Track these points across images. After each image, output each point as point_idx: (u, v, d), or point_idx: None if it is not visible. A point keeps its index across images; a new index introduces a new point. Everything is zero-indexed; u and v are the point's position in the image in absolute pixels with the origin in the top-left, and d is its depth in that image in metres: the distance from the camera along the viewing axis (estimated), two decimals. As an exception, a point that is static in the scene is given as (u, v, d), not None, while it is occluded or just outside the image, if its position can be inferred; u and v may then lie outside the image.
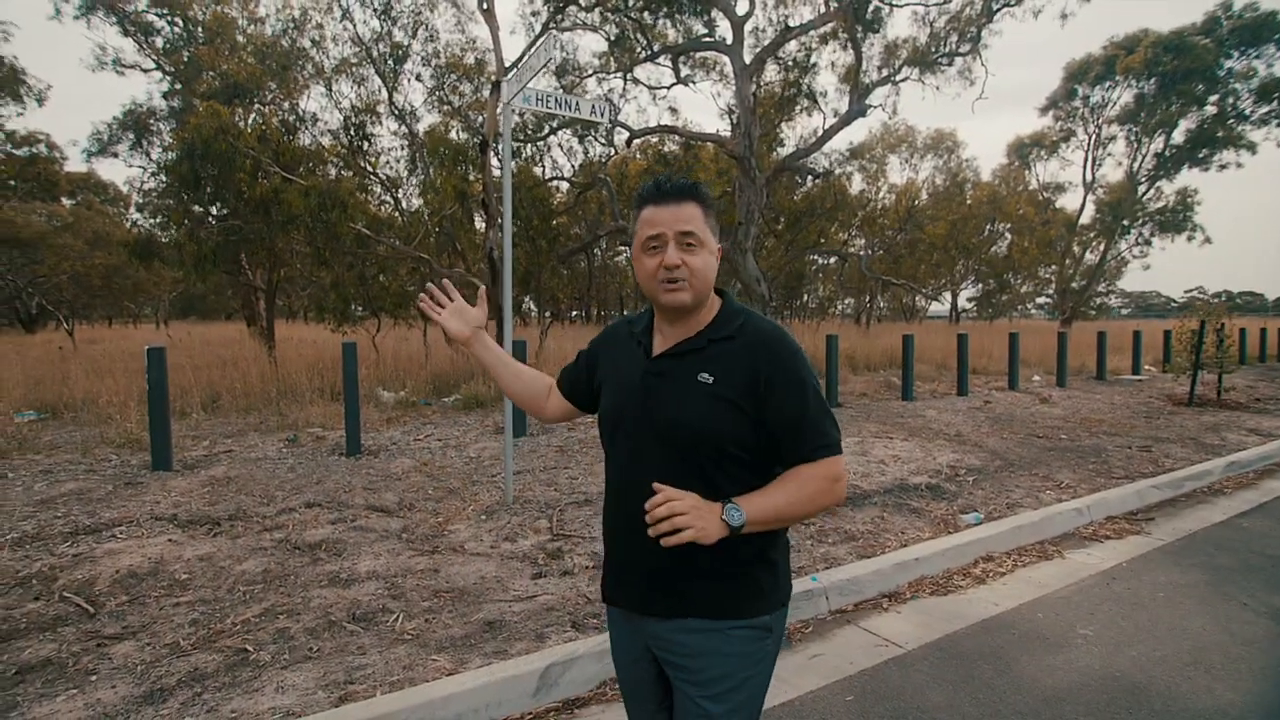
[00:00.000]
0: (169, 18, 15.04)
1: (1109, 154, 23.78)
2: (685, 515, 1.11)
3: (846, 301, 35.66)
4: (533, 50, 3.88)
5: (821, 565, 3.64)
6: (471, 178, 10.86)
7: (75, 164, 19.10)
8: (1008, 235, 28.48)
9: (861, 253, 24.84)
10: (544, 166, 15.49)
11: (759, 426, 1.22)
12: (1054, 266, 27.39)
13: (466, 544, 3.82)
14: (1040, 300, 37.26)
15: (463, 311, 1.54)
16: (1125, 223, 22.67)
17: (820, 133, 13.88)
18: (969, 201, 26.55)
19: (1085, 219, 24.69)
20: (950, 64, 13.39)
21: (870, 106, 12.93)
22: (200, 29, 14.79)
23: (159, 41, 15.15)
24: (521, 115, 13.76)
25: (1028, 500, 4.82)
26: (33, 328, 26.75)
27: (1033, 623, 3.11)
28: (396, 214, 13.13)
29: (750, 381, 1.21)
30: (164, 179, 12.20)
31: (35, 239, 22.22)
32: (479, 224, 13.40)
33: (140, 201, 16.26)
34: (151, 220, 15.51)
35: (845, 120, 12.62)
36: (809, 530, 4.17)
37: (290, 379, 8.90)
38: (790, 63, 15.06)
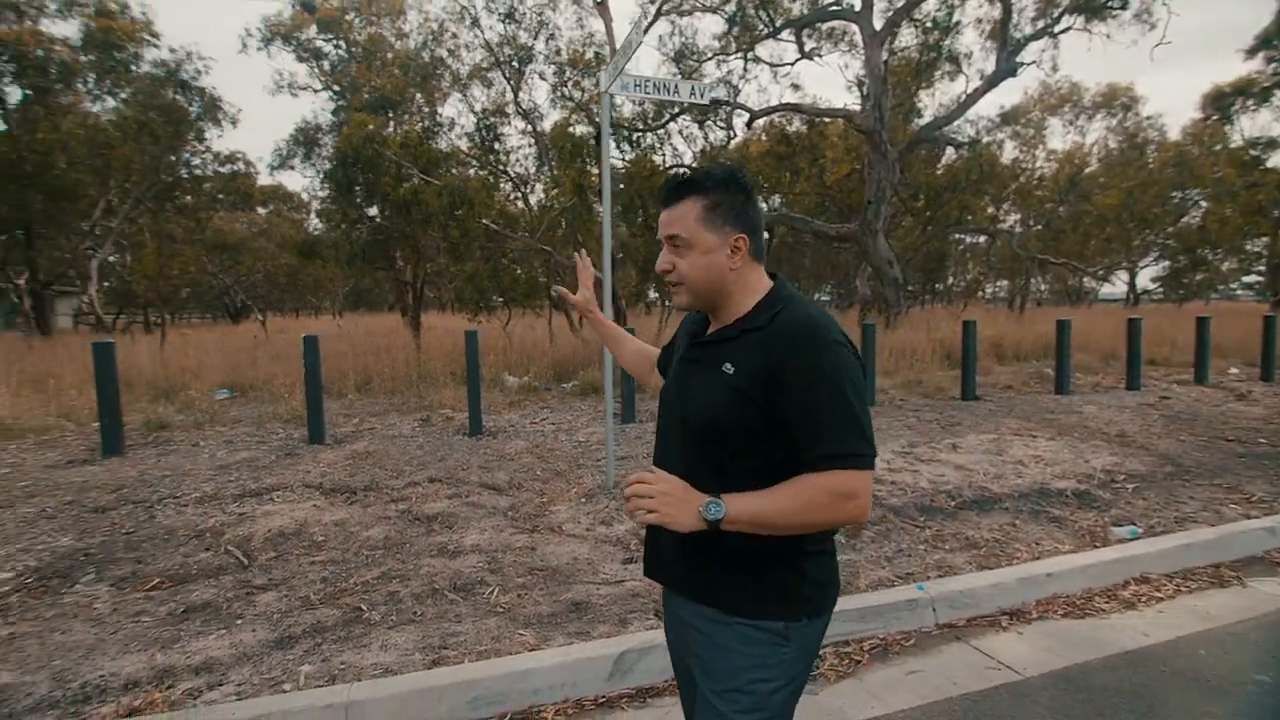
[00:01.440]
0: (334, 42, 16.88)
1: (1342, 97, 19.35)
2: (651, 499, 1.12)
3: (999, 284, 32.39)
4: (625, 38, 3.87)
5: (933, 573, 3.34)
6: (590, 170, 11.16)
7: (262, 177, 22.10)
8: (1202, 202, 24.22)
9: (1015, 229, 22.39)
10: (664, 154, 15.52)
11: (774, 422, 1.15)
12: (1264, 238, 22.94)
13: (564, 525, 3.95)
14: (1247, 279, 31.43)
15: (586, 286, 1.79)
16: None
17: (963, 98, 12.65)
18: (1150, 165, 22.85)
19: (1308, 178, 20.35)
20: (1123, 7, 11.58)
21: (1021, 64, 11.54)
22: (359, 49, 16.45)
23: (326, 64, 17.05)
24: (641, 104, 13.86)
25: (1203, 515, 4.10)
26: (238, 319, 31.59)
27: (1192, 660, 2.64)
28: (525, 209, 13.83)
29: (764, 373, 1.15)
30: (327, 186, 13.76)
31: (238, 244, 26.23)
32: (600, 215, 13.76)
33: (318, 208, 18.57)
34: (323, 224, 17.64)
35: (991, 82, 11.38)
36: (923, 534, 3.85)
37: (429, 364, 9.72)
38: (929, 24, 13.83)
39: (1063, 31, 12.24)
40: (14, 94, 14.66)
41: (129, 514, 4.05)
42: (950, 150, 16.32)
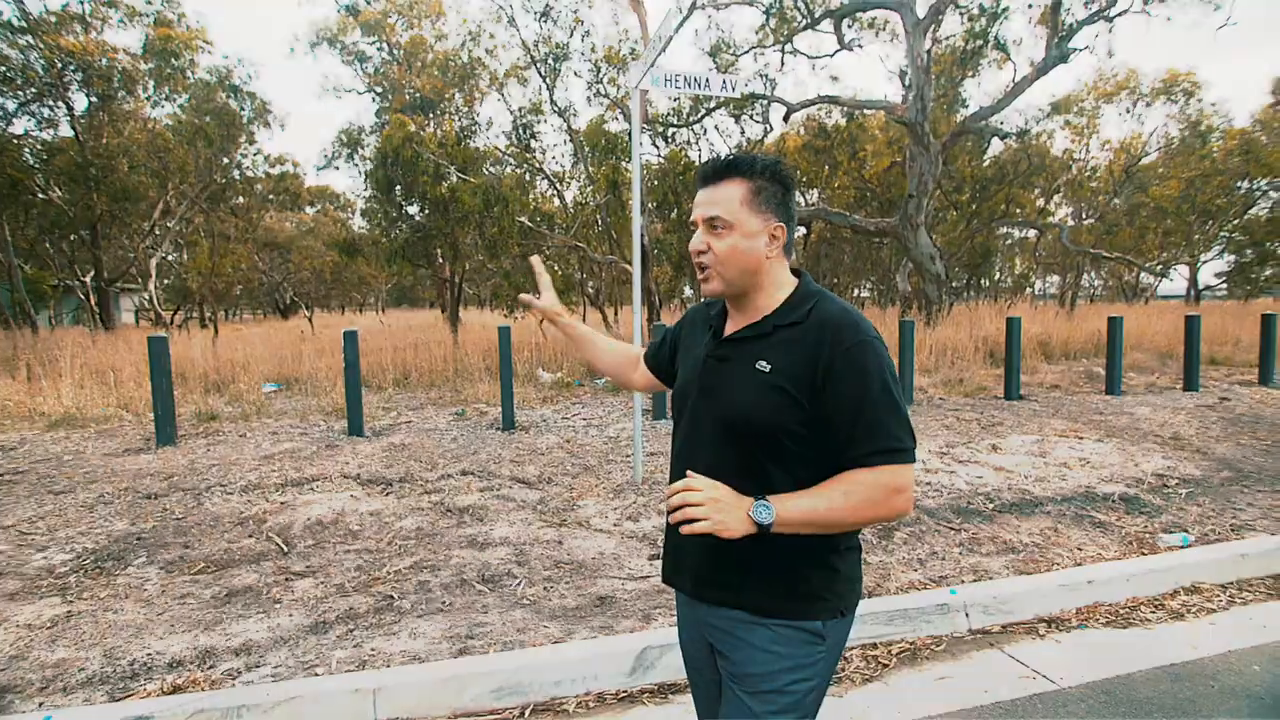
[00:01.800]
0: (377, 44, 17.30)
1: None
2: (701, 506, 1.09)
3: (1049, 280, 31.18)
4: (655, 31, 3.86)
5: (967, 577, 3.25)
6: (625, 166, 11.17)
7: (309, 178, 22.86)
8: (1271, 193, 22.80)
9: (1067, 222, 21.50)
10: (700, 149, 15.44)
11: (815, 420, 1.13)
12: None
13: (592, 520, 3.98)
14: (1323, 273, 29.47)
15: (548, 289, 1.69)
16: None
17: (1011, 87, 12.21)
18: (1215, 153, 21.60)
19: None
20: (1187, -14, 10.97)
21: (1074, 50, 11.06)
22: (401, 51, 16.83)
23: (369, 67, 17.49)
24: (676, 100, 13.81)
25: (1262, 523, 3.88)
26: (287, 315, 32.73)
27: (1244, 676, 2.50)
28: (560, 206, 13.95)
29: (808, 370, 1.13)
30: (369, 185, 14.14)
31: (287, 242, 27.19)
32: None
33: (362, 208, 19.14)
34: (366, 223, 18.14)
35: (1041, 70, 10.95)
36: (958, 537, 3.74)
37: (466, 360, 9.90)
38: (975, 10, 13.38)
39: (1119, 14, 11.67)
40: (80, 102, 15.48)
41: (179, 501, 4.25)
42: (997, 141, 15.78)
